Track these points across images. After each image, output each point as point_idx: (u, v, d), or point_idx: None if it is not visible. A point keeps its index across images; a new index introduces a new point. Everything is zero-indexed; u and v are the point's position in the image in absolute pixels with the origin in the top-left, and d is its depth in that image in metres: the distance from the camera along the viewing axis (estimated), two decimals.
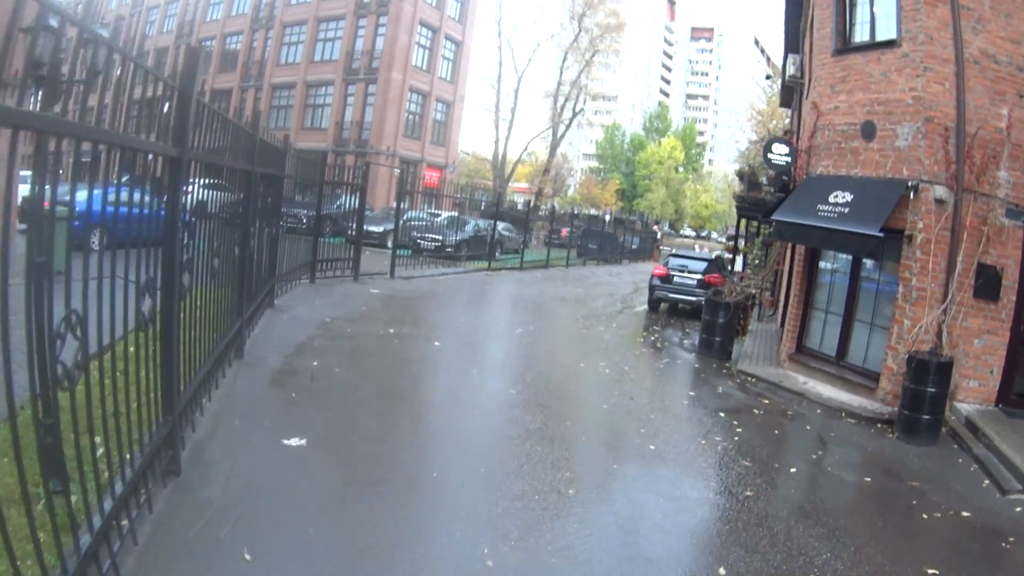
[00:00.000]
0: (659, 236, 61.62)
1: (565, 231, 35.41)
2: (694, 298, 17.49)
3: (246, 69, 44.64)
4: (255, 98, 43.62)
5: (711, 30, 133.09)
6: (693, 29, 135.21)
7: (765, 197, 21.92)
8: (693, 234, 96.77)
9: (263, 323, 10.02)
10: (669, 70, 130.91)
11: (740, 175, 23.85)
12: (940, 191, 10.00)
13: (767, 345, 13.98)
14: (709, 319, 12.60)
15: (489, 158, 60.30)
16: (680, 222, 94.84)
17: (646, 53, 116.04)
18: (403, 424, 6.73)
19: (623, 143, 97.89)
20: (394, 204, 21.17)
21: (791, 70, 16.90)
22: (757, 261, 22.03)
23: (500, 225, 25.21)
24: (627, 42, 60.98)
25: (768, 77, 24.97)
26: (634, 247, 44.79)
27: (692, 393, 9.77)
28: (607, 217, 50.69)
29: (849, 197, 10.50)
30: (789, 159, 11.98)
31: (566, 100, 55.23)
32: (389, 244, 22.43)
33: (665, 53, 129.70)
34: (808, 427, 8.89)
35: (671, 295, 17.82)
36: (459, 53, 45.11)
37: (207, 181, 5.80)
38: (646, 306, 18.72)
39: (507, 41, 54.28)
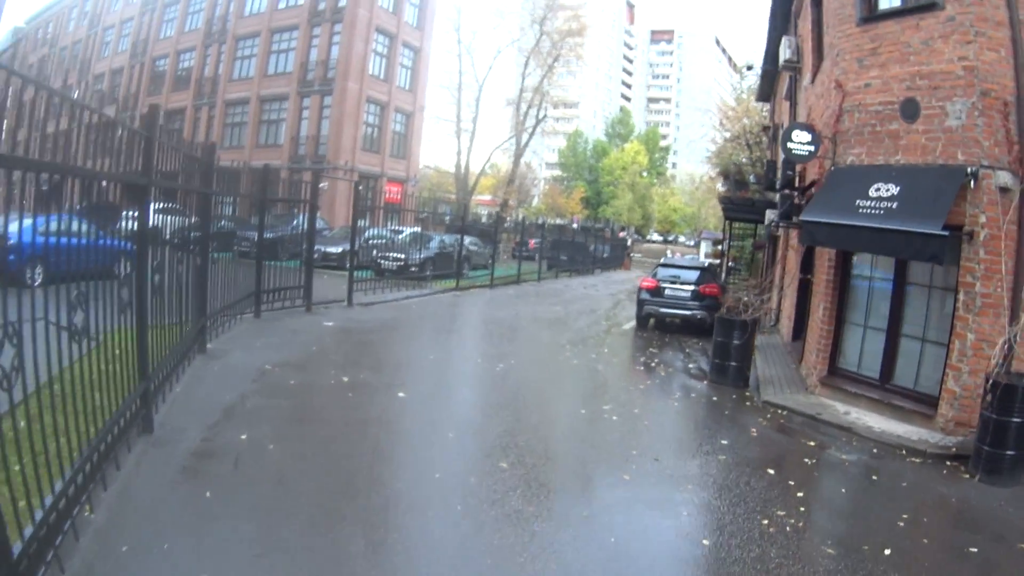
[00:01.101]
0: (629, 243, 60.21)
1: (533, 243, 33.73)
2: (688, 312, 15.72)
3: (199, 86, 42.40)
4: (209, 116, 41.53)
5: (671, 32, 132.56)
6: (653, 32, 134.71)
7: (753, 197, 20.34)
8: (660, 239, 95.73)
9: (189, 377, 8.02)
10: (630, 74, 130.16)
11: (724, 174, 22.25)
12: (1004, 177, 8.33)
13: (782, 365, 12.21)
14: (723, 341, 10.75)
15: (451, 171, 58.46)
16: (647, 227, 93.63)
17: (606, 58, 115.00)
18: (355, 541, 4.68)
19: (586, 150, 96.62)
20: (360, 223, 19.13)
21: (786, 54, 15.22)
22: (745, 266, 20.43)
23: (467, 240, 23.14)
24: (588, 47, 59.39)
25: (750, 67, 23.29)
26: (605, 256, 43.40)
27: (725, 442, 7.86)
28: (574, 226, 49.27)
29: (895, 189, 8.76)
30: (812, 148, 10.18)
31: (529, 107, 53.52)
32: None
33: (625, 57, 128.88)
34: (874, 476, 7.10)
35: (663, 310, 16.00)
36: (418, 61, 43.11)
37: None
38: (634, 323, 16.93)
39: (467, 49, 52.22)
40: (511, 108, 55.49)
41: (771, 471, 6.88)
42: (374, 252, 20.25)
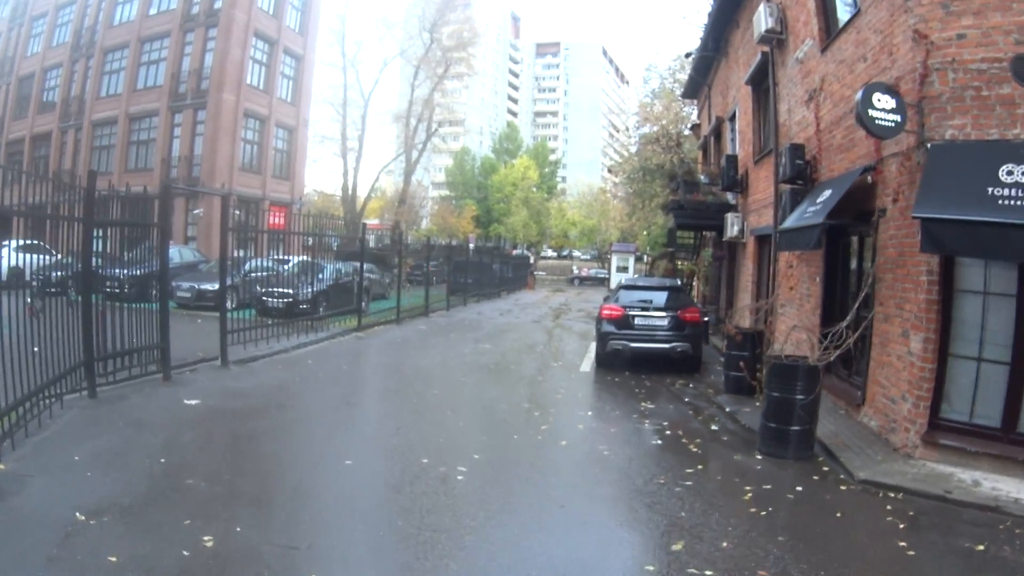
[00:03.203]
0: (533, 261, 57.42)
1: (428, 266, 29.81)
2: (668, 345, 12.54)
3: (66, 107, 36.45)
4: (76, 139, 35.72)
5: (557, 44, 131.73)
6: (539, 45, 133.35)
7: (707, 199, 17.47)
8: (555, 254, 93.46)
9: None
10: (516, 89, 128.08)
11: (671, 176, 19.31)
12: None
13: (823, 410, 9.08)
14: (781, 397, 7.48)
15: (336, 194, 54.29)
16: (541, 244, 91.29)
17: (492, 73, 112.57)
18: None
19: (474, 167, 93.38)
20: (238, 252, 14.90)
21: (767, 23, 12.41)
22: (704, 281, 17.50)
23: (365, 268, 19.12)
24: (474, 62, 56.55)
25: (688, 55, 20.58)
26: (509, 276, 40.24)
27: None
28: (470, 246, 46.16)
29: None
30: (899, 118, 7.09)
31: (418, 121, 50.25)
32: (231, 305, 16.45)
33: (511, 72, 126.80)
34: None
35: (635, 345, 12.60)
36: (301, 70, 38.57)
37: None
38: (591, 360, 13.68)
39: (351, 62, 48.21)
40: (399, 124, 52.32)
41: None
42: (256, 288, 16.29)
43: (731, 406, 10.05)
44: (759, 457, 7.56)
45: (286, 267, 16.05)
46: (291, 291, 15.64)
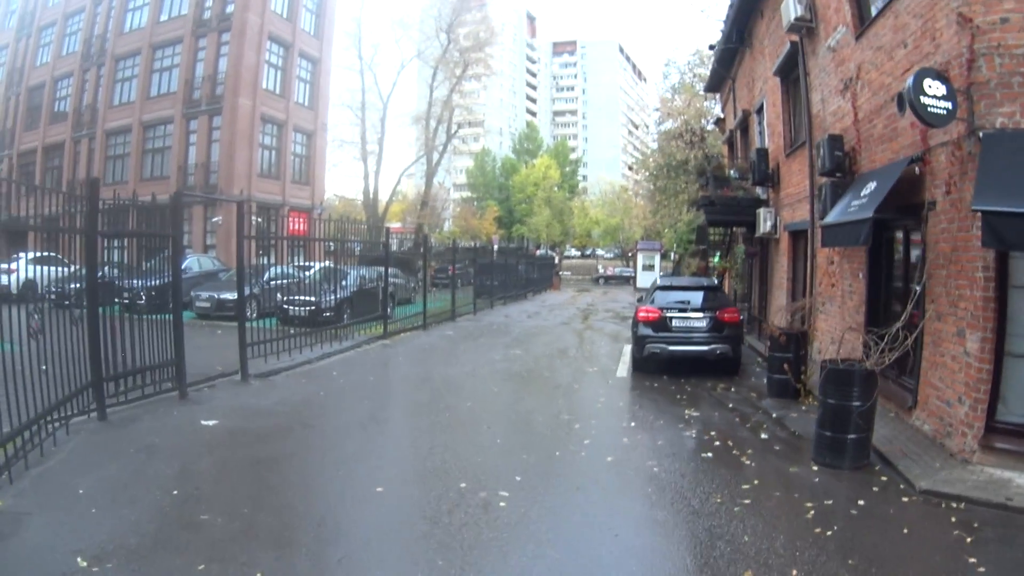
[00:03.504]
0: (558, 261, 57.06)
1: (453, 269, 29.42)
2: (707, 347, 12.16)
3: (78, 116, 36.48)
4: (89, 148, 35.72)
5: (573, 43, 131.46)
6: (555, 44, 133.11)
7: (737, 195, 17.05)
8: (578, 254, 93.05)
9: None
10: (534, 88, 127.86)
11: (700, 172, 18.90)
12: None
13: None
14: (838, 404, 7.12)
15: (357, 198, 54.24)
16: (564, 243, 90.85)
17: (509, 73, 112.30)
18: None
19: (494, 168, 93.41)
20: (260, 259, 14.69)
21: (796, 11, 12.01)
22: (737, 278, 17.13)
23: (389, 272, 18.94)
24: (492, 62, 56.20)
25: (711, 47, 20.20)
26: (534, 277, 39.85)
27: None
28: (494, 247, 45.90)
29: None
30: (950, 105, 6.73)
31: (438, 123, 50.05)
32: (251, 314, 16.27)
33: (529, 71, 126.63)
34: None
35: (673, 348, 12.22)
36: (317, 73, 38.37)
37: None
38: (627, 364, 13.36)
39: (368, 65, 48.10)
40: (418, 126, 52.13)
41: None
42: (278, 296, 16.11)
43: (777, 411, 9.67)
44: (815, 468, 7.19)
45: (308, 274, 15.88)
46: (314, 299, 15.45)
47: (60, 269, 9.94)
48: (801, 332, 10.59)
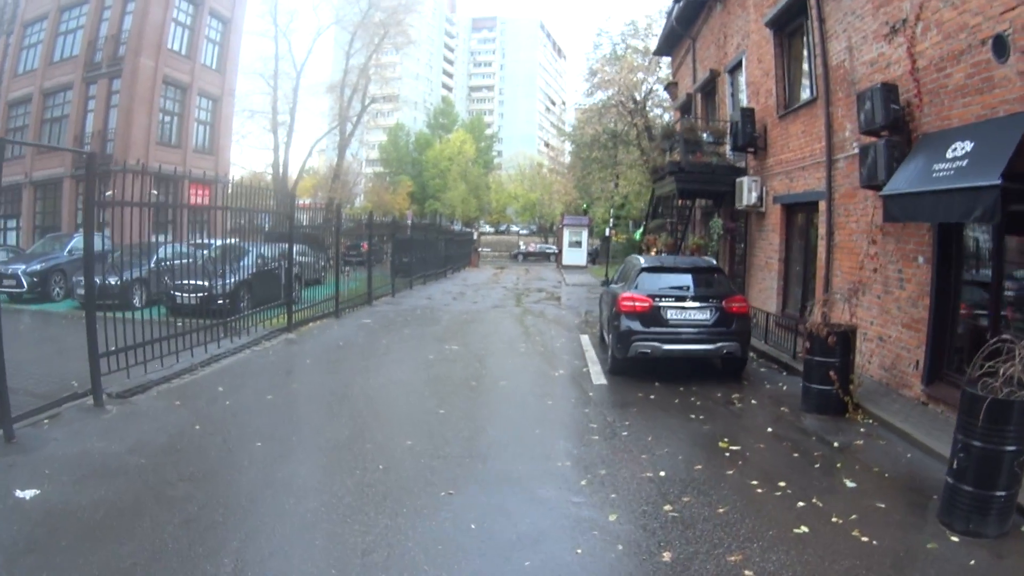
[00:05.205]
0: (476, 237, 53.70)
1: (365, 245, 25.63)
2: (713, 347, 9.26)
3: None
4: None
5: (493, 19, 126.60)
6: (475, 20, 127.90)
7: (711, 161, 14.29)
8: (492, 230, 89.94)
9: None
10: (451, 64, 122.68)
11: (667, 135, 15.97)
12: None
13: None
14: (986, 448, 4.53)
15: (267, 172, 49.56)
16: (479, 219, 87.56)
17: (427, 48, 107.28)
18: None
19: (408, 143, 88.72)
20: (150, 237, 10.70)
21: None
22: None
23: (295, 249, 14.88)
24: (411, 32, 52.24)
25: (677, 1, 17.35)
26: (453, 253, 36.77)
27: None
28: (408, 223, 42.37)
29: None
30: None
31: (353, 92, 45.86)
32: (138, 302, 12.57)
33: (447, 47, 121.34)
34: None
35: (668, 346, 9.21)
36: (227, 34, 33.40)
37: None
38: (599, 367, 10.37)
39: (284, 32, 43.70)
40: (332, 95, 47.82)
41: None
42: (166, 279, 12.50)
43: (834, 437, 7.05)
44: (954, 538, 4.60)
45: (205, 253, 12.23)
46: (206, 283, 11.83)
47: None
48: (851, 329, 7.84)
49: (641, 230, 21.29)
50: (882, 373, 8.74)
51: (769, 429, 7.29)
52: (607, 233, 37.50)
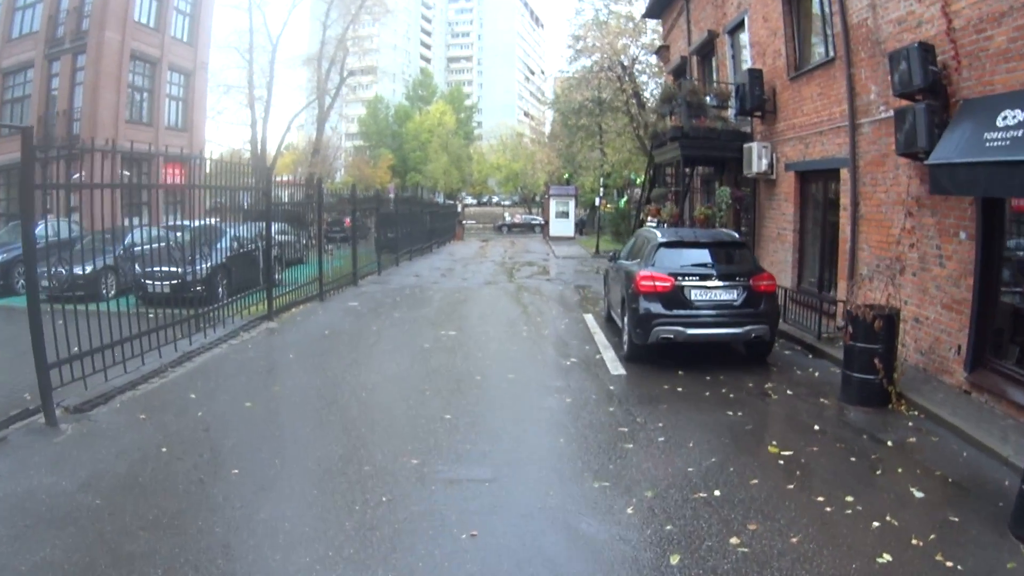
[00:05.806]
0: (460, 209, 52.45)
1: (348, 220, 24.29)
2: (740, 330, 8.45)
3: None
4: None
5: None
6: None
7: (716, 126, 13.41)
8: (475, 202, 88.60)
9: None
10: (429, 35, 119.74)
11: (667, 99, 14.94)
12: None
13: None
14: None
15: (244, 149, 47.91)
16: (462, 190, 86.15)
17: (404, 19, 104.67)
18: None
19: (387, 116, 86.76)
20: (123, 220, 9.54)
21: None
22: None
23: (275, 228, 13.38)
24: (388, 2, 50.51)
25: None
26: (437, 226, 35.92)
27: None
28: (391, 196, 41.16)
29: None
30: None
31: (331, 64, 44.22)
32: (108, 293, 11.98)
33: (424, 18, 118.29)
34: None
35: (692, 330, 8.39)
36: (198, 5, 31.77)
37: None
38: (613, 353, 9.55)
39: (257, 3, 42.10)
40: (310, 68, 46.26)
41: None
42: (136, 267, 11.57)
43: (884, 434, 6.35)
44: None
45: (178, 236, 11.18)
46: (178, 269, 10.79)
47: None
48: (895, 312, 7.03)
49: (625, 199, 20.34)
50: (918, 357, 7.96)
51: (816, 427, 6.49)
52: (596, 203, 36.48)
